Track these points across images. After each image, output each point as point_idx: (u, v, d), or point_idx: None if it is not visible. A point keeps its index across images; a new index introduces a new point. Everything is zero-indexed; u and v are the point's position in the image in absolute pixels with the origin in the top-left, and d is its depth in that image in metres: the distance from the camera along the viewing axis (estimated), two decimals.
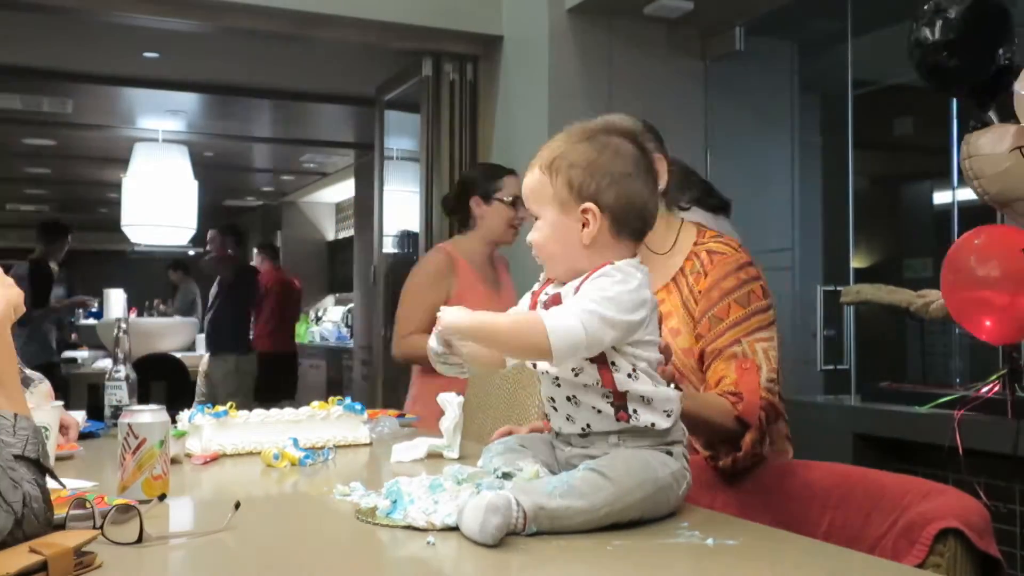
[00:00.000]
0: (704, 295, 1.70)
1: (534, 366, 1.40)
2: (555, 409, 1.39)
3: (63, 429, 1.89)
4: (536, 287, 1.46)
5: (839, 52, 4.16)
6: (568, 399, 1.35)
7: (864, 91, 4.09)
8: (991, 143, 2.49)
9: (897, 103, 4.71)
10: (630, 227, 1.37)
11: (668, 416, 1.34)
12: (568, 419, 1.36)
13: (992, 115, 2.53)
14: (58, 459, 1.86)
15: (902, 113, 4.82)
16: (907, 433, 3.02)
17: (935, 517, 1.29)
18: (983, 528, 1.30)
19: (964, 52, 2.54)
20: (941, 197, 4.60)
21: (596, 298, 1.28)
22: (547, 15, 4.23)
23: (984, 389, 2.78)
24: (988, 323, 2.58)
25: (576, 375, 1.33)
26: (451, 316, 1.31)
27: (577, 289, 1.33)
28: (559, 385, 1.36)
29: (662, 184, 1.77)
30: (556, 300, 1.35)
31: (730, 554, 1.19)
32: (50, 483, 1.39)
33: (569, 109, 4.04)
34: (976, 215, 2.72)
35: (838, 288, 3.45)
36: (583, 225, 1.34)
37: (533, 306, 1.42)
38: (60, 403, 1.73)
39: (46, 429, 1.56)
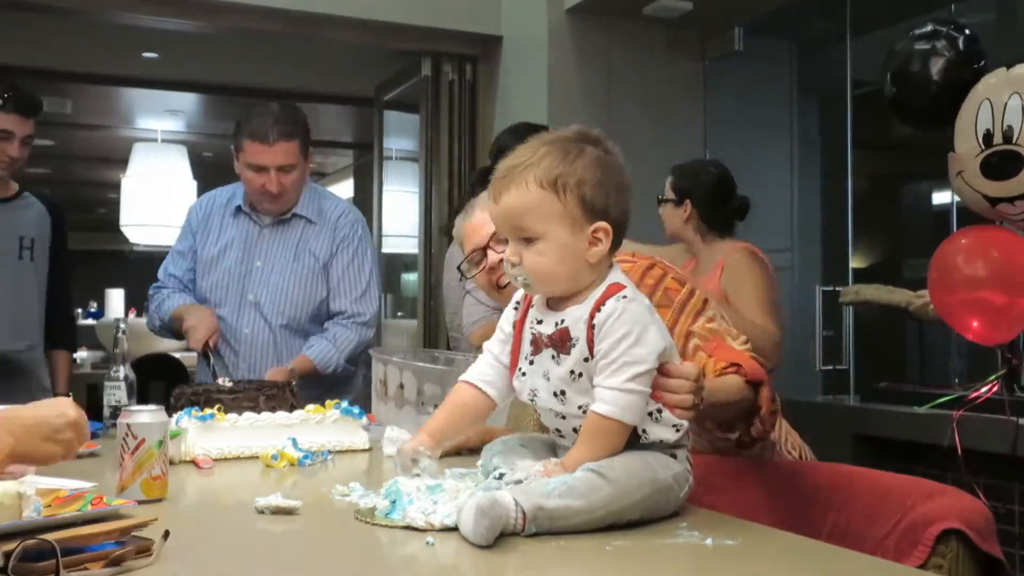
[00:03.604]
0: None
1: (532, 401, 1.37)
2: (562, 436, 1.38)
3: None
4: (515, 316, 1.40)
5: (838, 52, 4.16)
6: (575, 430, 1.34)
7: (863, 91, 4.09)
8: (950, 167, 2.66)
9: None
10: (619, 240, 1.35)
11: (677, 431, 1.33)
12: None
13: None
14: (75, 457, 1.86)
15: None
16: (906, 433, 3.03)
17: (937, 518, 1.29)
18: (985, 529, 1.30)
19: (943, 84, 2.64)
20: (940, 197, 4.60)
21: (627, 355, 1.27)
22: (546, 15, 4.23)
23: (983, 389, 2.78)
24: (975, 323, 2.59)
25: (583, 411, 1.31)
26: (567, 468, 1.27)
27: (590, 329, 1.29)
28: (563, 418, 1.35)
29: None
30: (564, 336, 1.31)
31: (730, 554, 1.18)
32: (49, 483, 1.39)
33: (568, 109, 4.05)
34: (975, 215, 2.72)
35: (837, 288, 3.45)
36: (591, 244, 1.31)
37: (518, 339, 1.38)
38: None
39: None
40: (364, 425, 2.03)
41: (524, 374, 1.38)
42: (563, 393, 1.32)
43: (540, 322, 1.35)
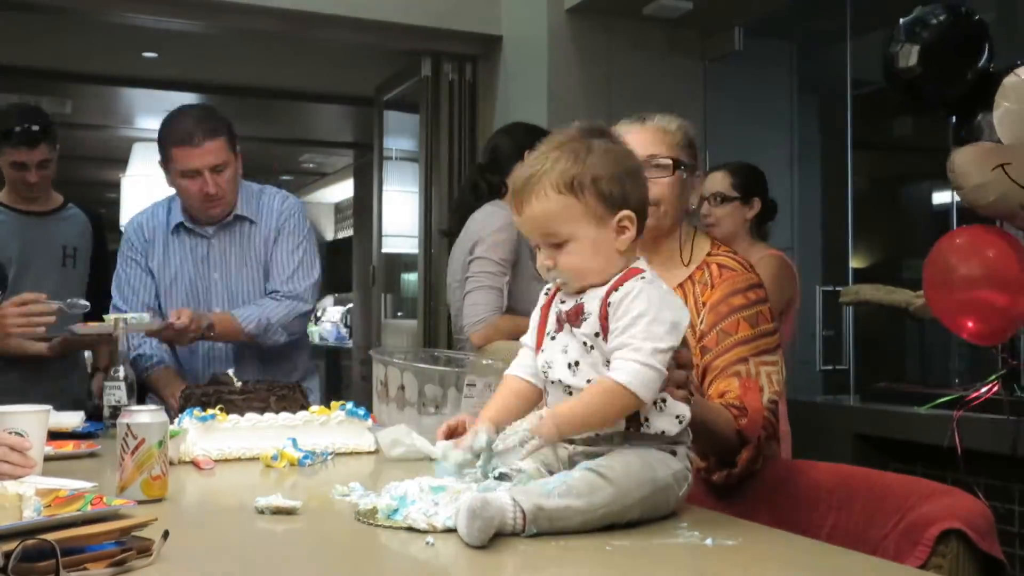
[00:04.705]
0: (711, 309, 1.68)
1: (545, 375, 1.39)
2: (546, 373, 1.39)
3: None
4: (542, 301, 1.44)
5: (838, 52, 4.16)
6: (569, 365, 1.35)
7: (863, 91, 4.09)
8: (971, 159, 2.55)
9: (896, 103, 4.71)
10: (643, 223, 1.39)
11: (679, 422, 1.33)
12: (557, 383, 1.37)
13: (983, 119, 2.55)
14: (74, 457, 1.86)
15: (901, 113, 4.82)
16: (906, 433, 3.03)
17: (937, 518, 1.29)
18: (986, 529, 1.30)
19: (936, 71, 2.57)
20: (940, 197, 4.60)
21: (647, 332, 1.28)
22: (546, 15, 4.23)
23: (983, 389, 2.78)
24: (971, 323, 2.59)
25: (587, 351, 1.33)
26: (544, 430, 1.29)
27: (604, 306, 1.31)
28: (571, 394, 1.35)
29: (695, 200, 1.78)
30: (579, 310, 1.34)
31: (729, 554, 1.18)
32: (49, 483, 1.39)
33: (568, 109, 4.05)
34: (975, 215, 2.72)
35: (837, 288, 3.45)
36: (618, 233, 1.35)
37: (543, 322, 1.41)
38: (49, 407, 1.72)
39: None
40: (369, 427, 2.02)
41: (544, 350, 1.40)
42: (576, 364, 1.34)
43: (563, 302, 1.39)
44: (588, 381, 1.32)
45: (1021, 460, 2.65)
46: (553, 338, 1.38)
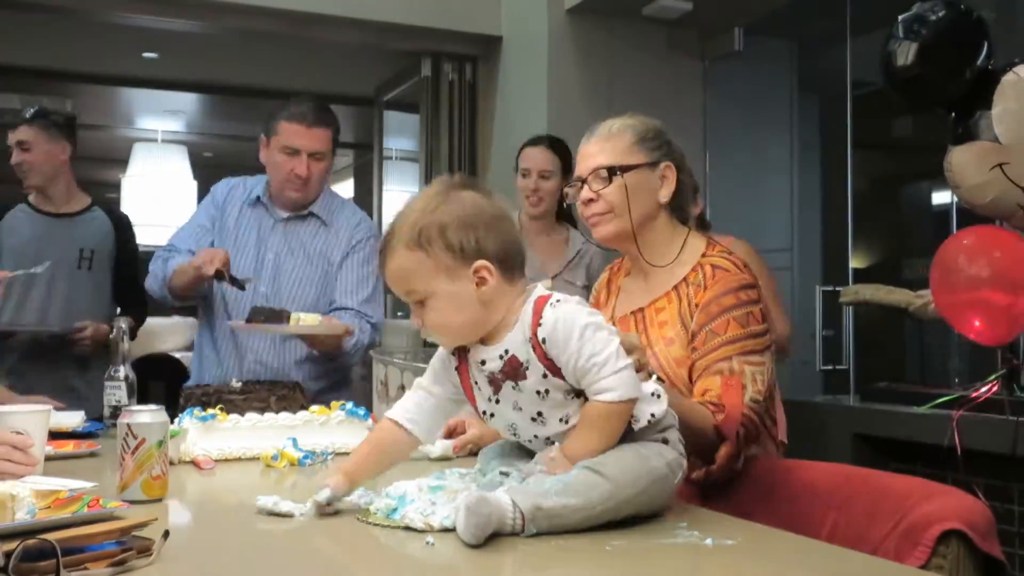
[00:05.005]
0: (702, 308, 1.68)
1: (515, 437, 1.38)
2: (515, 435, 1.37)
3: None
4: (453, 363, 1.39)
5: (838, 52, 4.16)
6: (533, 419, 1.33)
7: (863, 91, 4.09)
8: (969, 159, 2.55)
9: (896, 103, 4.71)
10: (516, 267, 1.34)
11: (657, 397, 1.33)
12: (533, 440, 1.36)
13: (983, 117, 2.54)
14: (74, 457, 1.87)
15: (901, 113, 4.83)
16: (906, 433, 3.03)
17: (938, 518, 1.29)
18: (986, 529, 1.30)
19: (935, 69, 2.57)
20: (940, 197, 4.60)
21: (594, 346, 1.27)
22: (546, 16, 4.23)
23: (983, 389, 2.78)
24: (977, 323, 2.58)
25: (565, 423, 1.32)
26: (574, 460, 1.27)
27: (539, 347, 1.29)
28: (553, 442, 1.34)
29: (667, 193, 1.76)
30: (514, 365, 1.31)
31: (729, 554, 1.18)
32: (49, 483, 1.39)
33: (568, 109, 4.05)
34: (975, 215, 2.72)
35: (837, 288, 3.45)
36: (478, 284, 1.30)
37: (469, 390, 1.38)
38: (49, 407, 1.72)
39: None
40: (369, 427, 2.01)
41: (493, 415, 1.37)
42: (540, 415, 1.32)
43: (484, 362, 1.34)
44: (560, 420, 1.31)
45: (1021, 460, 2.64)
46: (497, 401, 1.35)
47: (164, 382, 5.80)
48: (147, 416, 1.47)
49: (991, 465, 2.75)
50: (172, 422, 1.73)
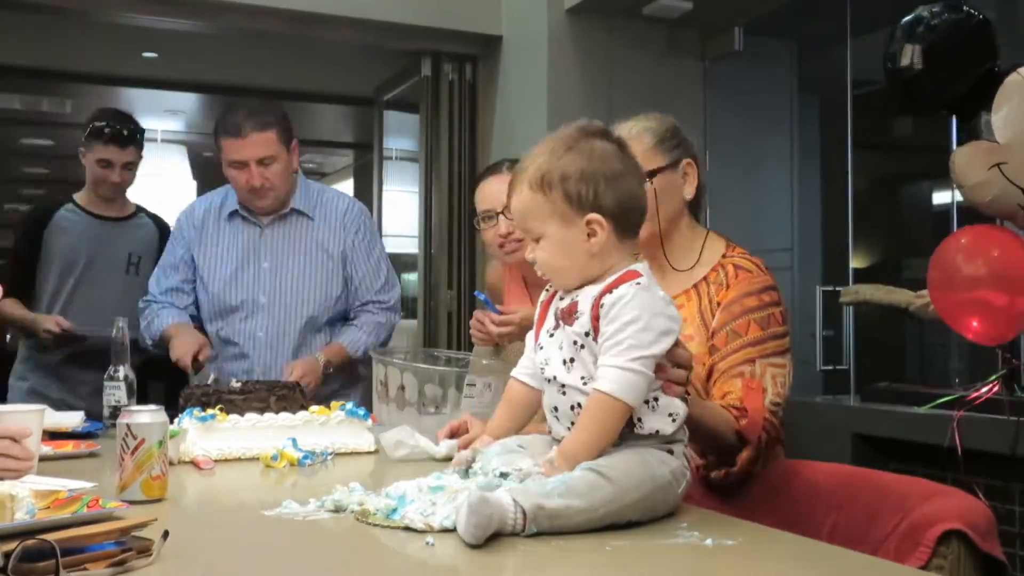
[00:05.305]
0: (724, 308, 1.68)
1: (542, 371, 1.40)
2: (557, 419, 1.39)
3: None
4: (544, 297, 1.45)
5: (839, 52, 4.16)
6: (572, 408, 1.35)
7: (864, 91, 4.09)
8: (970, 158, 2.56)
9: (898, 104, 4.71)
10: (632, 226, 1.38)
11: (673, 420, 1.34)
12: (572, 428, 1.36)
13: (984, 119, 2.55)
14: (74, 457, 1.86)
15: (901, 113, 4.82)
16: (906, 433, 3.02)
17: (938, 519, 1.29)
18: (987, 530, 1.30)
19: (937, 71, 2.57)
20: (940, 197, 4.60)
21: (633, 339, 1.29)
22: (546, 15, 4.23)
23: (983, 389, 2.78)
24: (975, 323, 2.58)
25: (584, 383, 1.33)
26: (566, 460, 1.29)
27: (596, 307, 1.31)
28: (564, 393, 1.36)
29: (691, 190, 1.77)
30: (572, 309, 1.35)
31: (729, 554, 1.18)
32: (48, 483, 1.39)
33: (568, 109, 4.04)
34: (975, 215, 2.72)
35: (837, 288, 3.45)
36: (589, 235, 1.34)
37: (543, 317, 1.42)
38: (43, 406, 1.72)
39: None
40: (369, 427, 2.01)
41: (542, 347, 1.41)
42: (572, 361, 1.35)
43: (562, 299, 1.40)
44: (582, 378, 1.33)
45: (1021, 460, 2.64)
46: (551, 335, 1.39)
47: (163, 383, 5.79)
48: (147, 416, 1.47)
49: (991, 465, 2.75)
50: (172, 422, 1.73)
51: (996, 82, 2.51)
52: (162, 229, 3.31)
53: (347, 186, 9.50)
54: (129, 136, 3.10)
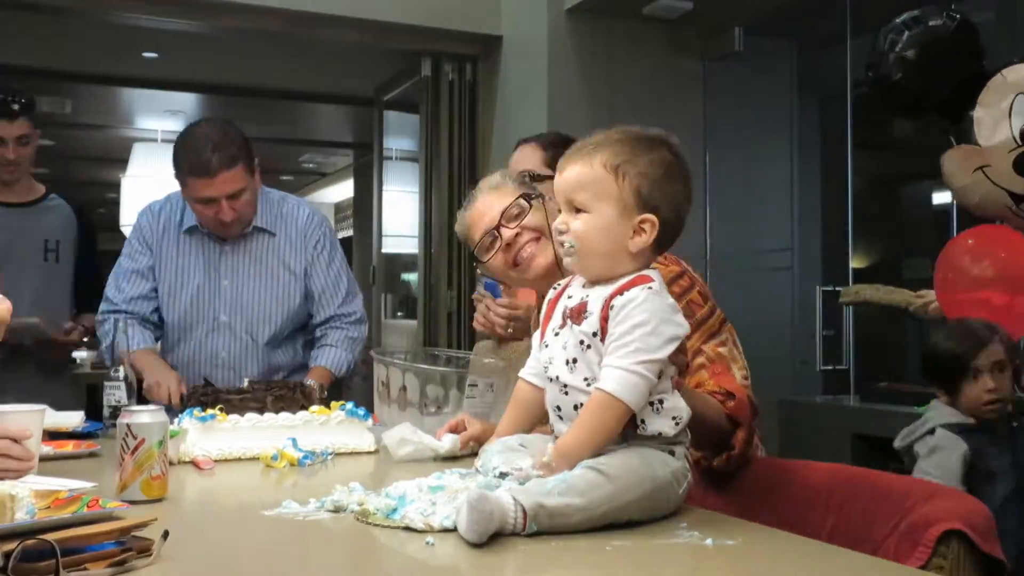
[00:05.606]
0: None
1: (545, 370, 1.40)
2: (560, 418, 1.38)
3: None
4: (551, 295, 1.45)
5: (839, 52, 4.17)
6: (575, 407, 1.35)
7: (863, 91, 4.09)
8: (956, 161, 2.61)
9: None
10: (666, 245, 1.40)
11: (676, 424, 1.34)
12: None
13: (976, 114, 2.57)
14: (74, 457, 1.87)
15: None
16: None
17: (938, 519, 1.29)
18: (986, 529, 1.30)
19: (918, 79, 2.59)
20: (940, 197, 4.60)
21: (640, 342, 1.29)
22: (546, 15, 4.23)
23: None
24: None
25: (588, 384, 1.33)
26: (563, 458, 1.29)
27: (606, 307, 1.31)
28: (567, 393, 1.36)
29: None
30: (582, 308, 1.35)
31: (729, 554, 1.18)
32: (48, 483, 1.39)
33: (568, 109, 4.05)
34: (975, 215, 2.72)
35: (837, 288, 3.45)
36: (635, 233, 1.35)
37: (549, 315, 1.42)
38: (44, 406, 1.72)
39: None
40: (369, 427, 2.01)
41: (547, 345, 1.41)
42: (574, 362, 1.35)
43: (571, 297, 1.40)
44: (585, 379, 1.33)
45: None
46: (556, 334, 1.39)
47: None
48: (147, 416, 1.47)
49: None
50: (172, 422, 1.74)
51: (983, 84, 2.52)
52: (78, 210, 3.11)
53: (347, 186, 9.51)
54: (20, 108, 2.89)
